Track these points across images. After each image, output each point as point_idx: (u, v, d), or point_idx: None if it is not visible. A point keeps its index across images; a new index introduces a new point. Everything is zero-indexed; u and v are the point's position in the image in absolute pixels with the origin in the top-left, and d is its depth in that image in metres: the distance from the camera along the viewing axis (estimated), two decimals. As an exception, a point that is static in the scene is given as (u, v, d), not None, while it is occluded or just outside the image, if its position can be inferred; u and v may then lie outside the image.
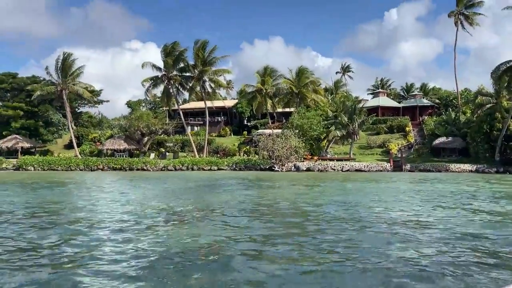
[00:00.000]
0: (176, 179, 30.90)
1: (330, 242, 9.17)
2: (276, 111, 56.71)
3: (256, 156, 45.80)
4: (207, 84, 50.21)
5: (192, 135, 53.30)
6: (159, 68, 49.44)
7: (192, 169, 43.44)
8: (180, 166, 43.92)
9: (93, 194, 20.35)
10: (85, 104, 65.42)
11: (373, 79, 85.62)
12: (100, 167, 44.57)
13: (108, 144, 51.20)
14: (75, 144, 50.76)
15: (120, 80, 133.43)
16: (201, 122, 60.86)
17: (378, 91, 71.63)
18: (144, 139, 52.84)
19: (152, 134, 53.13)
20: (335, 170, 42.02)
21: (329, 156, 47.56)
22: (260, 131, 53.91)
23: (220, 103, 60.33)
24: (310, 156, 45.90)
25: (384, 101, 66.23)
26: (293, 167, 42.61)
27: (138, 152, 51.09)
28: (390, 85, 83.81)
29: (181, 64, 49.56)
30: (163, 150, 52.11)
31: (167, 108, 59.57)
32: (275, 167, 42.34)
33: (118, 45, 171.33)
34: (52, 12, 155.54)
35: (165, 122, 56.57)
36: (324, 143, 49.36)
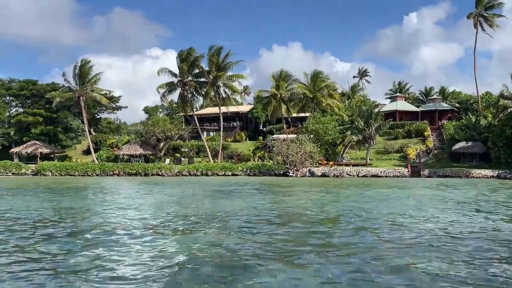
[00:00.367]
0: (191, 184, 30.80)
1: (355, 254, 8.70)
2: (291, 116, 56.37)
3: (270, 161, 45.52)
4: (221, 89, 50.33)
5: (207, 141, 53.42)
6: (174, 74, 49.84)
7: (207, 174, 43.43)
8: (195, 172, 43.97)
9: (108, 198, 20.43)
10: (103, 110, 66.54)
11: (392, 83, 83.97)
12: (116, 172, 45.05)
13: (124, 150, 51.77)
14: (92, 150, 51.51)
15: (141, 87, 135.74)
16: (216, 128, 61.01)
17: (396, 95, 70.49)
18: (160, 145, 53.22)
19: (168, 140, 53.47)
20: (351, 175, 41.34)
21: (345, 161, 46.88)
22: (274, 136, 53.63)
23: (235, 108, 60.37)
24: (326, 162, 45.33)
25: (402, 105, 65.09)
26: (307, 173, 42.14)
27: (153, 157, 51.46)
28: (408, 89, 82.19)
29: (196, 70, 49.86)
30: (178, 156, 52.35)
31: (184, 114, 59.97)
32: (289, 172, 41.97)
33: (139, 52, 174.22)
34: (76, 20, 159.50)
35: (181, 127, 56.88)
36: (340, 148, 48.68)
